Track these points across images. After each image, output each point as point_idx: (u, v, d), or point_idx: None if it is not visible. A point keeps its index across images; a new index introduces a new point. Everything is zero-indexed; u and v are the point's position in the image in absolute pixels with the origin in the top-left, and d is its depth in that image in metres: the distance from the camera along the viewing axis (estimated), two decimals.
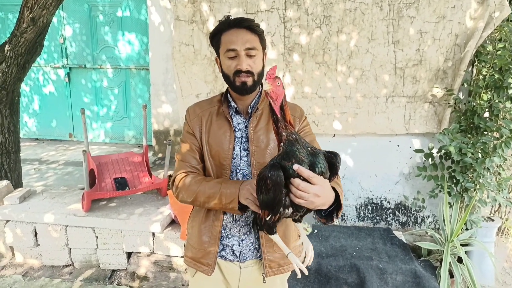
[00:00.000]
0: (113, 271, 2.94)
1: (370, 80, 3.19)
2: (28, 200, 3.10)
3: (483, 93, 2.92)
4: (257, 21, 3.21)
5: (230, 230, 1.40)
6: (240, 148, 1.40)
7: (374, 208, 3.48)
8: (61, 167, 4.43)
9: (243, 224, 1.40)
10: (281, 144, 1.10)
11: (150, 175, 3.23)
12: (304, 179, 1.04)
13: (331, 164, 1.11)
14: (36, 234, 2.94)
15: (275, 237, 1.25)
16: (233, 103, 1.42)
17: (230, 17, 1.37)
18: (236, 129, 1.42)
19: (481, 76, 3.02)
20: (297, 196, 1.05)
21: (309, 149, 1.08)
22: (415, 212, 3.45)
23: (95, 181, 3.01)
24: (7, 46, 3.06)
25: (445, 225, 2.81)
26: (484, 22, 2.90)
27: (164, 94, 4.19)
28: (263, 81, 1.10)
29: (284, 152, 1.07)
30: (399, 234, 3.13)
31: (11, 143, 3.30)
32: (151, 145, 4.50)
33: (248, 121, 1.41)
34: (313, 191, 1.04)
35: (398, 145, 3.36)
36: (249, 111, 1.42)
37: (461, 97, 3.17)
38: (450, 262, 2.62)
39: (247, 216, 1.38)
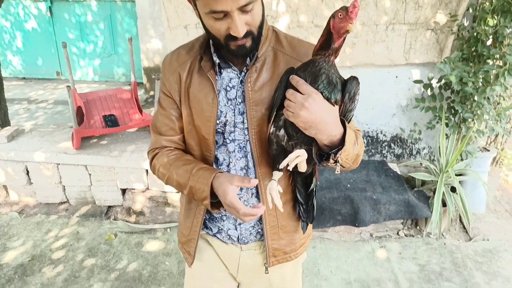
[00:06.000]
0: (109, 207, 2.96)
1: (370, 6, 2.99)
2: (17, 139, 3.03)
3: (489, 18, 2.75)
4: None
5: (224, 210, 1.12)
6: (235, 112, 1.06)
7: (370, 141, 3.44)
8: (50, 106, 4.33)
9: None
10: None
11: (141, 111, 3.14)
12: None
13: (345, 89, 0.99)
14: (28, 172, 2.92)
15: (276, 173, 1.05)
16: (215, 58, 1.04)
17: None
18: (228, 87, 1.06)
19: (487, 1, 2.82)
20: (285, 107, 0.92)
21: (333, 79, 0.96)
22: (410, 144, 3.42)
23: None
24: None
25: (440, 156, 2.79)
26: None
27: (152, 28, 3.97)
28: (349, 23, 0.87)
29: (305, 64, 0.96)
30: (393, 166, 3.13)
31: None
32: (142, 82, 4.36)
33: (245, 75, 1.04)
34: (300, 99, 0.89)
35: (396, 76, 3.23)
36: (248, 60, 1.04)
37: (465, 24, 3.00)
38: (443, 192, 2.64)
39: (245, 200, 1.13)
